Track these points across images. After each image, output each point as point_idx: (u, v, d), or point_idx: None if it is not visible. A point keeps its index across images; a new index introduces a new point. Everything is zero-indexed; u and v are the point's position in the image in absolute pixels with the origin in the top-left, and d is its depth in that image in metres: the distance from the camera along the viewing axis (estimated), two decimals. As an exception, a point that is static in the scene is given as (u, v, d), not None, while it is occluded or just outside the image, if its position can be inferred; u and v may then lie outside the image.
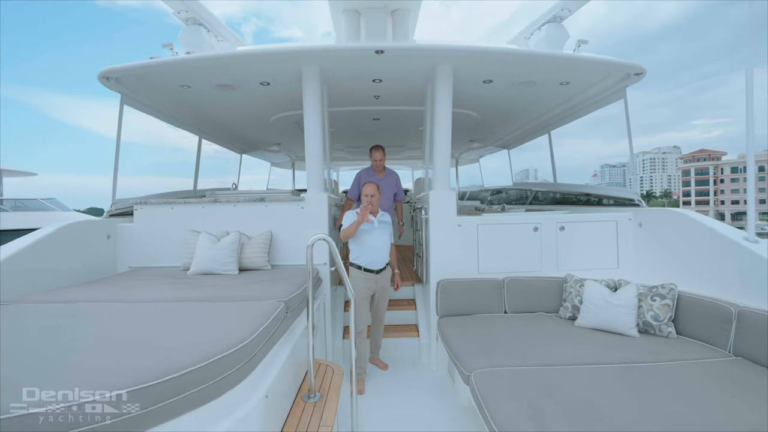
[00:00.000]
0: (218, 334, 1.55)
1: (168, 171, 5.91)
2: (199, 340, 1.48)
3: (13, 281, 2.49)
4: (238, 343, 1.47)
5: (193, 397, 1.25)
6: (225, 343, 1.45)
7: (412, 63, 3.38)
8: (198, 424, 1.28)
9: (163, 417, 1.18)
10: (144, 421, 1.13)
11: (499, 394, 1.90)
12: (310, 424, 1.90)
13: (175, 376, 1.21)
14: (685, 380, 2.00)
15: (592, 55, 3.36)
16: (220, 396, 1.36)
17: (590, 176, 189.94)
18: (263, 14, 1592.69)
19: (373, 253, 3.14)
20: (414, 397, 2.99)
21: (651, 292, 2.82)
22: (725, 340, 2.40)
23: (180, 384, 1.22)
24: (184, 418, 1.24)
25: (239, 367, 1.45)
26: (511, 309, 3.31)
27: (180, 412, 1.22)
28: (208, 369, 1.31)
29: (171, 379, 1.21)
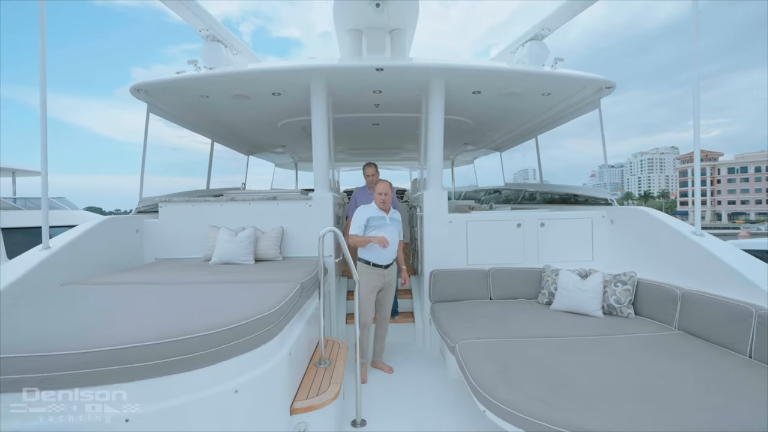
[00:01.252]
0: (251, 304, 1.97)
1: (180, 171, 6.28)
2: (238, 307, 1.90)
3: (67, 267, 2.91)
4: (269, 309, 1.89)
5: (241, 344, 1.68)
6: (259, 309, 1.87)
7: (408, 78, 3.81)
8: (249, 365, 1.73)
9: (222, 357, 1.62)
10: (212, 358, 1.57)
11: (478, 358, 2.32)
12: (322, 382, 2.33)
13: (227, 328, 1.64)
14: (630, 348, 2.43)
15: (567, 72, 3.78)
16: (259, 347, 1.78)
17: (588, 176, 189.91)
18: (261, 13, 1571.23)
19: (383, 249, 3.24)
20: (409, 373, 3.42)
21: (615, 279, 3.26)
22: (672, 318, 2.83)
23: (232, 334, 1.65)
24: (236, 359, 1.67)
25: (270, 328, 1.88)
26: (496, 296, 3.74)
27: (235, 354, 1.65)
28: (249, 326, 1.74)
29: (224, 330, 1.64)
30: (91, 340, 1.46)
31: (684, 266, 3.03)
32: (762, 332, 2.18)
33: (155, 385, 1.48)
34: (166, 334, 1.53)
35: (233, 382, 1.66)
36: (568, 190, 5.09)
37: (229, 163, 7.59)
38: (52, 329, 1.61)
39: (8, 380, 1.35)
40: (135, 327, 1.61)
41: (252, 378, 1.73)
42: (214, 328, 1.62)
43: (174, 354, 1.51)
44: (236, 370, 1.68)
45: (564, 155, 4.63)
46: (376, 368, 3.52)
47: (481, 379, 2.04)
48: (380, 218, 3.29)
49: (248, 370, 1.74)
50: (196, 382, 1.56)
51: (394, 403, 2.92)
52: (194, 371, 1.56)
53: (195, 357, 1.55)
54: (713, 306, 2.53)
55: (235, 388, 1.65)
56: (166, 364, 1.49)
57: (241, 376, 1.70)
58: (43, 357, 1.38)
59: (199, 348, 1.56)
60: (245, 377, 1.71)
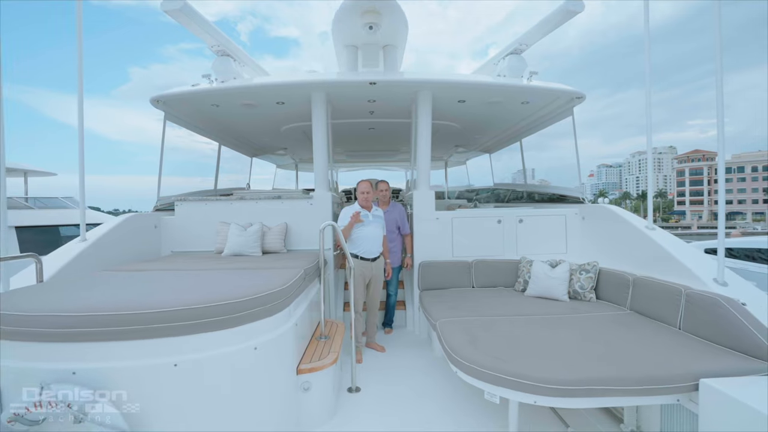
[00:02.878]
0: (263, 283, 2.41)
1: (188, 172, 6.71)
2: (252, 285, 2.34)
3: (97, 258, 3.36)
4: (279, 286, 2.33)
5: (258, 312, 2.13)
6: (270, 286, 2.31)
7: (398, 89, 4.26)
8: (265, 329, 2.18)
9: (245, 320, 2.06)
10: (236, 321, 2.01)
11: (454, 331, 2.76)
12: (323, 352, 2.78)
13: (248, 298, 2.09)
14: (585, 324, 2.86)
15: (541, 84, 4.24)
16: (271, 316, 2.23)
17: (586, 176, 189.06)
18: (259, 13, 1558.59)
19: (368, 243, 3.75)
20: (400, 352, 3.86)
21: (580, 268, 3.70)
22: (625, 300, 3.27)
23: (252, 303, 2.10)
24: (255, 324, 2.12)
25: (280, 301, 2.32)
26: (478, 284, 4.18)
27: (253, 319, 2.10)
28: (264, 298, 2.18)
29: (246, 300, 2.08)
30: (141, 305, 1.90)
31: (638, 256, 3.48)
32: (688, 308, 2.62)
33: (194, 340, 1.92)
34: (201, 300, 1.97)
35: (254, 341, 2.10)
36: (547, 190, 5.54)
37: (233, 165, 8.05)
38: (107, 300, 2.04)
39: (89, 332, 1.79)
40: (172, 298, 2.05)
41: (267, 339, 2.18)
42: (238, 297, 2.07)
43: (208, 316, 1.95)
44: (255, 332, 2.12)
45: (562, 155, 4.92)
46: (370, 348, 3.97)
47: (454, 345, 2.49)
48: (363, 215, 3.74)
49: (264, 333, 2.18)
50: (224, 339, 2.00)
51: (385, 375, 3.36)
52: (222, 331, 2.00)
53: (223, 319, 1.99)
54: (655, 288, 2.98)
55: (255, 346, 2.09)
56: (201, 324, 1.93)
57: (259, 337, 2.14)
58: (116, 315, 1.82)
59: (227, 312, 2.01)
60: (262, 338, 2.15)
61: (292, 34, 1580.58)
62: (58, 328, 1.77)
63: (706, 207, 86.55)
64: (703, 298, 2.49)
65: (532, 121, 5.47)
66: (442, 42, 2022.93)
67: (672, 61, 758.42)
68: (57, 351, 1.79)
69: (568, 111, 4.65)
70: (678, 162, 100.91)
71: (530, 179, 7.05)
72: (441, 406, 2.80)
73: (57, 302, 1.95)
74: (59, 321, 1.77)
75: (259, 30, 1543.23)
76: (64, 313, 1.80)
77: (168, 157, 6.40)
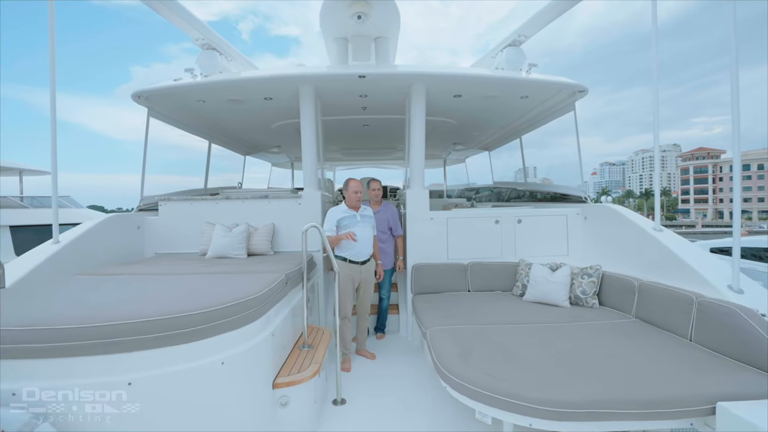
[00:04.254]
0: (237, 290, 2.22)
1: (181, 170, 6.54)
2: (225, 293, 2.15)
3: (71, 261, 3.17)
4: (251, 295, 2.14)
5: (225, 323, 1.93)
6: (241, 295, 2.12)
7: (390, 83, 4.05)
8: (233, 342, 1.98)
9: (211, 333, 1.87)
10: (200, 334, 1.82)
11: (445, 342, 2.56)
12: (303, 363, 2.58)
13: (209, 310, 1.90)
14: (586, 334, 2.66)
15: (540, 77, 4.01)
16: (242, 326, 2.04)
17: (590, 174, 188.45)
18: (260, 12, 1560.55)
19: (357, 246, 3.44)
20: (391, 360, 3.66)
21: (582, 272, 3.49)
22: (630, 307, 3.06)
23: (217, 314, 1.90)
24: (225, 336, 1.93)
25: (252, 311, 2.12)
26: (474, 288, 3.98)
27: (220, 332, 1.91)
28: (233, 308, 1.99)
29: (208, 311, 1.89)
30: (94, 318, 1.71)
31: (644, 259, 3.26)
32: (701, 318, 2.41)
33: (152, 356, 1.74)
34: (161, 312, 1.78)
35: (221, 355, 1.91)
36: (547, 189, 5.32)
37: (227, 163, 7.87)
38: (61, 311, 1.86)
39: (17, 349, 1.60)
40: (131, 309, 1.86)
41: (237, 353, 1.98)
42: (200, 309, 1.87)
43: (169, 329, 1.76)
44: (222, 345, 1.93)
45: (565, 153, 4.69)
46: (360, 355, 3.77)
47: (444, 359, 2.29)
48: (350, 217, 3.50)
49: (233, 345, 1.99)
50: (187, 354, 1.81)
51: (374, 385, 3.17)
52: (185, 345, 1.81)
53: (186, 332, 1.80)
54: (663, 295, 2.76)
55: (222, 360, 1.90)
56: (161, 338, 1.74)
57: (227, 350, 1.95)
58: (48, 330, 1.63)
59: (191, 324, 1.82)
60: (231, 351, 1.96)
61: (293, 32, 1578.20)
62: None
63: (711, 205, 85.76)
64: (716, 308, 2.27)
65: (532, 117, 5.24)
66: (444, 39, 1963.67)
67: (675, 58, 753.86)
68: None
69: (570, 106, 4.42)
70: (682, 160, 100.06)
71: (532, 178, 6.84)
72: (430, 421, 2.60)
73: (3, 313, 1.77)
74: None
75: (261, 29, 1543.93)
76: (4, 327, 1.61)
77: (162, 155, 6.23)
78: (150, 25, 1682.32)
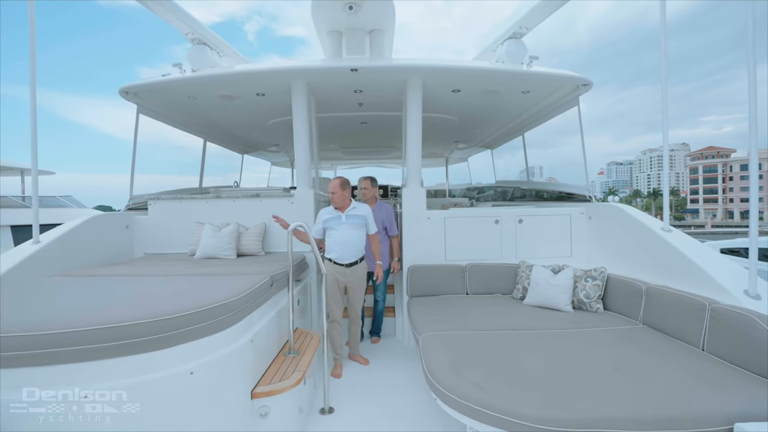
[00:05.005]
0: (213, 294, 2.08)
1: (178, 170, 6.45)
2: (202, 297, 2.01)
3: (56, 260, 3.07)
4: (225, 300, 2.00)
5: (196, 330, 1.80)
6: (214, 299, 1.98)
7: (385, 77, 3.89)
8: (205, 350, 1.85)
9: (179, 340, 1.74)
10: (167, 341, 1.68)
11: (436, 349, 2.40)
12: (287, 370, 2.44)
13: (183, 315, 1.77)
14: (589, 341, 2.48)
15: (542, 69, 3.83)
16: (216, 333, 1.90)
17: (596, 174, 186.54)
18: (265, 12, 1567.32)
19: (341, 247, 3.28)
20: (385, 366, 3.51)
21: (585, 275, 3.31)
22: (637, 312, 2.88)
23: (188, 319, 1.77)
24: (196, 343, 1.79)
25: (228, 316, 1.98)
26: (472, 291, 3.81)
27: (189, 339, 1.77)
28: (205, 313, 1.85)
29: (179, 316, 1.75)
30: (40, 327, 1.57)
31: (652, 261, 3.08)
32: (714, 326, 2.23)
33: (114, 365, 1.60)
34: (121, 318, 1.64)
35: (190, 364, 1.77)
36: (550, 187, 5.13)
37: (227, 162, 7.77)
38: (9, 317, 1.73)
39: None
40: (94, 315, 1.73)
41: (208, 361, 1.84)
42: (171, 313, 1.74)
43: (132, 336, 1.62)
44: (192, 353, 1.79)
45: (571, 152, 4.46)
46: (353, 360, 3.62)
47: (434, 368, 2.13)
48: (335, 218, 3.33)
49: (205, 353, 1.85)
50: (152, 363, 1.67)
51: (365, 392, 3.02)
52: (150, 353, 1.67)
53: (151, 340, 1.67)
54: (672, 300, 2.58)
55: (191, 370, 1.76)
56: (123, 346, 1.61)
57: (197, 359, 1.81)
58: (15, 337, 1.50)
59: (157, 331, 1.68)
60: (202, 360, 1.82)
61: (299, 33, 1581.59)
62: None
63: (721, 205, 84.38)
64: (732, 315, 2.09)
65: (534, 112, 5.06)
66: (448, 39, 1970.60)
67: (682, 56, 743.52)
68: None
69: (574, 101, 4.23)
70: (691, 159, 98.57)
71: (538, 177, 6.62)
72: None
73: None
74: None
75: (266, 29, 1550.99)
76: None
77: (168, 155, 6.14)
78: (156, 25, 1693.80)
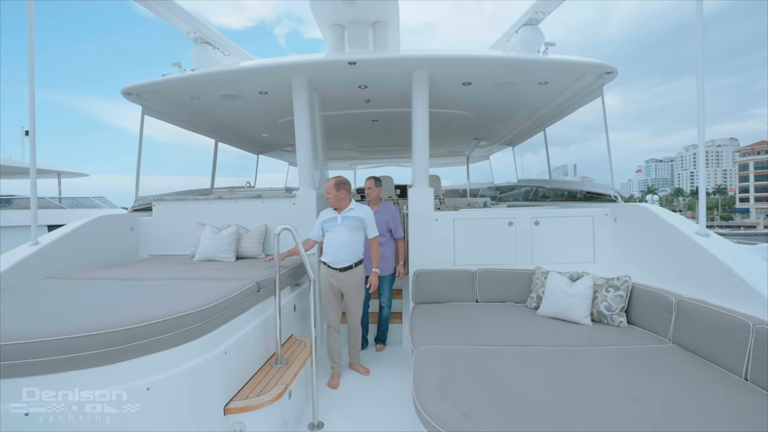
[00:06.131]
0: (187, 301, 1.95)
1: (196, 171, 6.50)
2: (171, 305, 1.89)
3: (55, 262, 3.07)
4: (192, 309, 1.85)
5: (154, 343, 1.67)
6: (185, 307, 1.85)
7: (389, 71, 3.68)
8: (166, 363, 1.72)
9: (136, 353, 1.62)
10: (131, 352, 1.57)
11: (429, 365, 2.17)
12: (269, 383, 2.28)
13: (141, 325, 1.65)
14: (607, 361, 2.17)
15: (560, 57, 3.49)
16: (179, 345, 1.76)
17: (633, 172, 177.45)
18: (293, 15, 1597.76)
19: (334, 250, 3.11)
20: (386, 376, 3.31)
21: (607, 284, 2.96)
22: (666, 329, 2.53)
23: (146, 331, 1.65)
24: (156, 356, 1.67)
25: (196, 326, 1.85)
26: (482, 298, 3.53)
27: (147, 352, 1.65)
28: (168, 323, 1.72)
29: (136, 327, 1.63)
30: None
31: (685, 270, 2.70)
32: (760, 351, 1.88)
33: (59, 380, 1.50)
34: (69, 330, 1.53)
35: (147, 379, 1.65)
36: (570, 186, 4.74)
37: (242, 162, 7.79)
38: None
39: None
40: (59, 323, 1.64)
41: (169, 375, 1.71)
42: (129, 324, 1.62)
43: (82, 349, 1.51)
44: (150, 367, 1.67)
45: (603, 149, 3.97)
46: (353, 370, 3.44)
47: (422, 390, 1.91)
48: (332, 219, 3.16)
49: (166, 367, 1.72)
50: (102, 378, 1.56)
51: (361, 406, 2.83)
52: (101, 367, 1.56)
53: (104, 353, 1.55)
54: (709, 317, 2.23)
55: (148, 386, 1.63)
56: (70, 360, 1.50)
57: (157, 373, 1.68)
58: None
59: (113, 343, 1.57)
60: (162, 374, 1.69)
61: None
62: None
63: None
64: None
65: (555, 106, 4.68)
66: (477, 36, 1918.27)
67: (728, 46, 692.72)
68: None
69: (597, 91, 3.85)
70: (740, 155, 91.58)
71: (571, 176, 6.16)
72: None
73: None
74: None
75: (295, 33, 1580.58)
76: None
77: (185, 157, 6.20)
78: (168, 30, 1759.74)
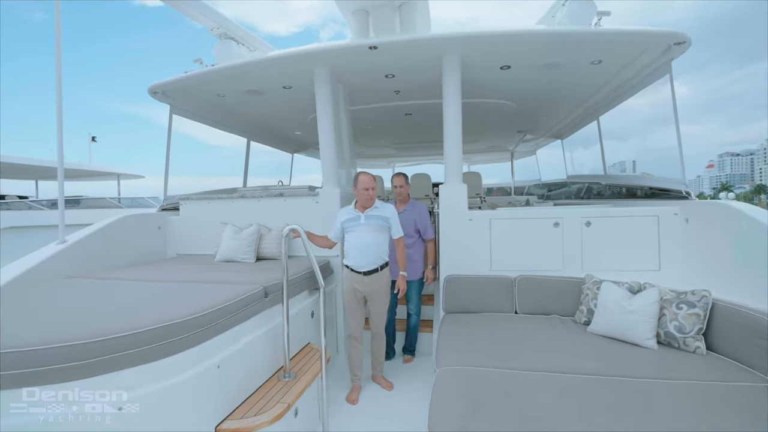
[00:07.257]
0: (180, 309, 1.78)
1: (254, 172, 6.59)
2: (159, 313, 1.72)
3: (81, 261, 3.11)
4: (182, 317, 1.68)
5: (132, 356, 1.51)
6: (173, 315, 1.67)
7: (415, 56, 3.34)
8: (145, 379, 1.56)
9: (110, 367, 1.47)
10: (99, 368, 1.43)
11: (451, 392, 1.84)
12: (271, 399, 2.07)
13: (119, 336, 1.50)
14: (681, 402, 1.71)
15: (617, 28, 2.95)
16: (163, 359, 1.59)
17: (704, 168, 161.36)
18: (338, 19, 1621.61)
19: (358, 253, 2.87)
20: (411, 391, 3.00)
21: (678, 299, 2.43)
22: (761, 360, 1.98)
23: (125, 342, 1.50)
24: (133, 371, 1.52)
25: (185, 337, 1.66)
26: (522, 310, 3.10)
27: (123, 366, 1.50)
28: (148, 334, 1.56)
29: (113, 338, 1.48)
30: None
31: (788, 286, 2.12)
32: None
33: (17, 395, 1.37)
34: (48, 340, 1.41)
35: (124, 395, 1.48)
36: (632, 182, 4.10)
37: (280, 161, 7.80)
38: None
39: None
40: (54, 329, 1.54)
41: (148, 392, 1.54)
42: (104, 335, 1.47)
43: (50, 362, 1.38)
44: (126, 383, 1.50)
45: (670, 143, 3.34)
46: (375, 383, 3.16)
47: (438, 422, 1.59)
48: (354, 219, 2.90)
49: (145, 384, 1.55)
50: (74, 393, 1.42)
51: (378, 425, 2.55)
52: (73, 382, 1.42)
53: (76, 366, 1.41)
54: (827, 350, 1.68)
55: (120, 406, 1.47)
56: (38, 374, 1.36)
57: (134, 389, 1.51)
58: None
59: (86, 356, 1.42)
60: (140, 391, 1.52)
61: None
62: None
63: None
64: None
65: (611, 89, 4.06)
66: None
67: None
68: None
69: (664, 67, 3.24)
70: (840, 147, 79.31)
71: (630, 172, 5.40)
72: None
73: None
74: None
75: (340, 36, 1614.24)
76: None
77: (222, 157, 6.29)
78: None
